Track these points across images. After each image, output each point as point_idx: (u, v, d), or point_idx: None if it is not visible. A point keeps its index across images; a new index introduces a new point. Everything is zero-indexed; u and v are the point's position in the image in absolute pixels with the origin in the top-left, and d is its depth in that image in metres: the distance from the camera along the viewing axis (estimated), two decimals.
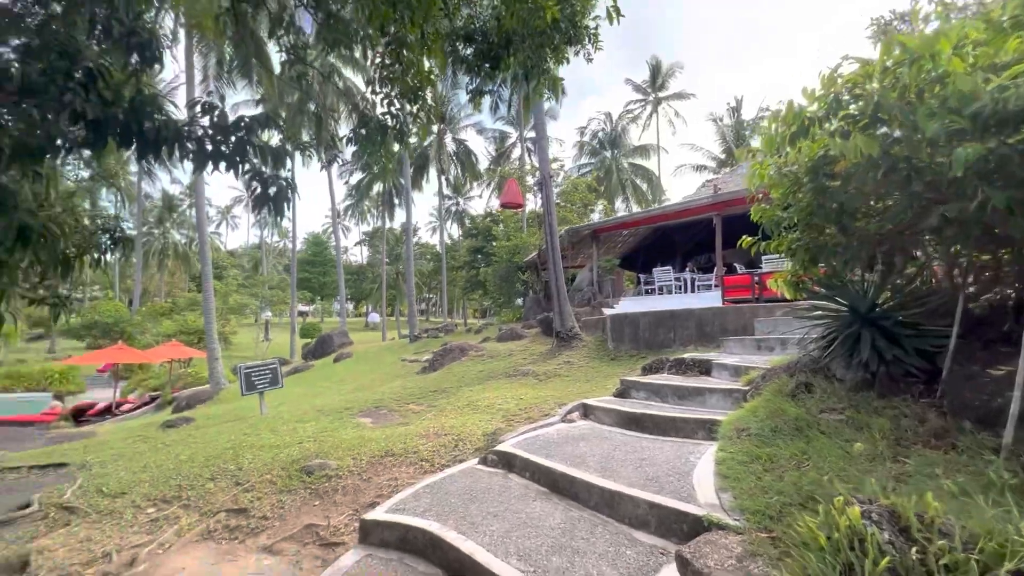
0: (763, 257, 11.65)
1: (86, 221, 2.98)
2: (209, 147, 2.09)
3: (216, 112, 2.17)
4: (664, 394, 5.48)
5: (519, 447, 4.42)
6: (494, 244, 26.60)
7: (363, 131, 3.75)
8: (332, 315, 69.15)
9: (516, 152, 36.85)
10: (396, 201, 39.44)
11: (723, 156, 36.95)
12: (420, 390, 8.91)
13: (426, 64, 3.43)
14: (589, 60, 4.70)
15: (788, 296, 4.75)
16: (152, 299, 43.69)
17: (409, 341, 19.21)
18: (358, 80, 27.46)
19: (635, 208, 35.36)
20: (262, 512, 4.16)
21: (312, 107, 27.51)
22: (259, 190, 2.27)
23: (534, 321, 14.18)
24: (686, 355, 6.59)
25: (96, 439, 7.47)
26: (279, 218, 2.45)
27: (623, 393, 5.92)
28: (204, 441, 6.42)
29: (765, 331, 6.93)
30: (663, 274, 14.32)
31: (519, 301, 23.86)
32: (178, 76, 28.55)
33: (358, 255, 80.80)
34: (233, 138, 2.11)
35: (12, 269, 2.52)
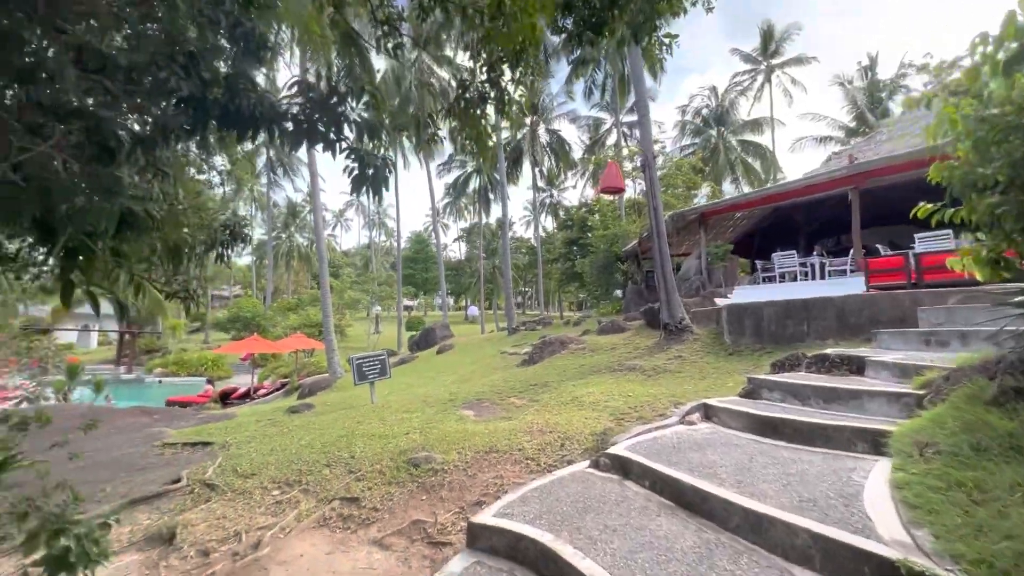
0: (917, 236, 9.80)
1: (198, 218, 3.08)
2: (304, 124, 1.98)
3: (313, 91, 2.05)
4: (804, 396, 4.68)
5: (635, 451, 3.98)
6: (590, 235, 25.86)
7: (462, 103, 3.54)
8: (434, 309, 72.73)
9: (611, 138, 35.55)
10: (491, 196, 40.11)
11: (852, 124, 32.43)
12: (521, 383, 8.74)
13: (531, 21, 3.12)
14: (709, 9, 4.07)
15: (981, 277, 3.73)
16: (281, 296, 49.22)
17: (507, 334, 19.33)
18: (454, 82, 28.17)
19: (746, 189, 32.36)
20: (372, 503, 4.18)
21: (412, 109, 28.79)
22: (356, 170, 2.11)
23: (637, 313, 13.43)
24: (828, 350, 5.62)
25: (235, 421, 8.33)
26: (378, 199, 2.33)
27: (752, 393, 5.18)
28: (321, 427, 6.78)
29: (934, 322, 5.70)
30: (785, 259, 12.77)
31: (618, 293, 22.95)
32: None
33: (457, 251, 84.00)
34: (328, 111, 1.97)
35: (128, 259, 2.62)
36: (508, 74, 3.35)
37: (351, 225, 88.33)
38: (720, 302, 11.44)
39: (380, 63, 24.53)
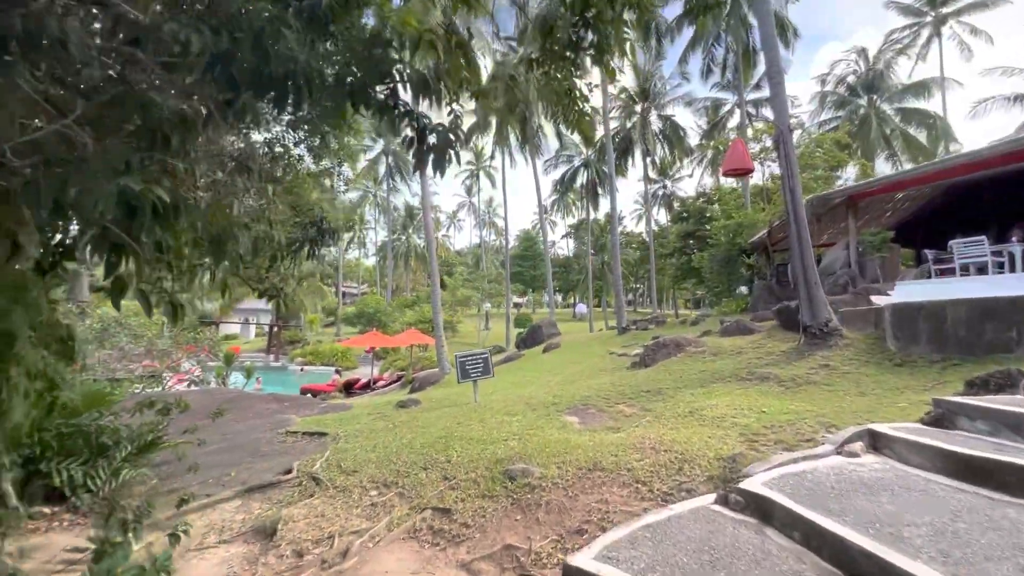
0: None
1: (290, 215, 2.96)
2: (348, 84, 1.65)
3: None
4: None
5: (777, 488, 3.15)
6: (709, 227, 23.70)
7: (551, 48, 3.02)
8: (542, 306, 73.07)
9: (733, 120, 32.35)
10: (599, 190, 38.92)
11: None
12: (631, 389, 7.98)
13: None
14: None
15: None
16: (402, 293, 52.97)
17: (617, 333, 18.38)
18: None
19: (906, 166, 27.28)
20: (464, 517, 3.86)
21: (519, 108, 28.85)
22: (416, 141, 1.73)
23: (767, 312, 11.77)
24: None
25: (349, 413, 8.75)
26: (439, 174, 1.98)
27: (942, 421, 3.96)
28: (423, 425, 6.73)
29: None
30: (970, 247, 10.23)
31: (742, 289, 20.67)
32: None
33: (565, 248, 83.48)
34: (372, 64, 1.62)
35: (232, 256, 2.51)
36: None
37: (463, 225, 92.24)
38: (878, 300, 9.49)
39: (485, 60, 24.84)
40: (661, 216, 52.45)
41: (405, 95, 1.77)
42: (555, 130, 32.18)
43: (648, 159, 34.16)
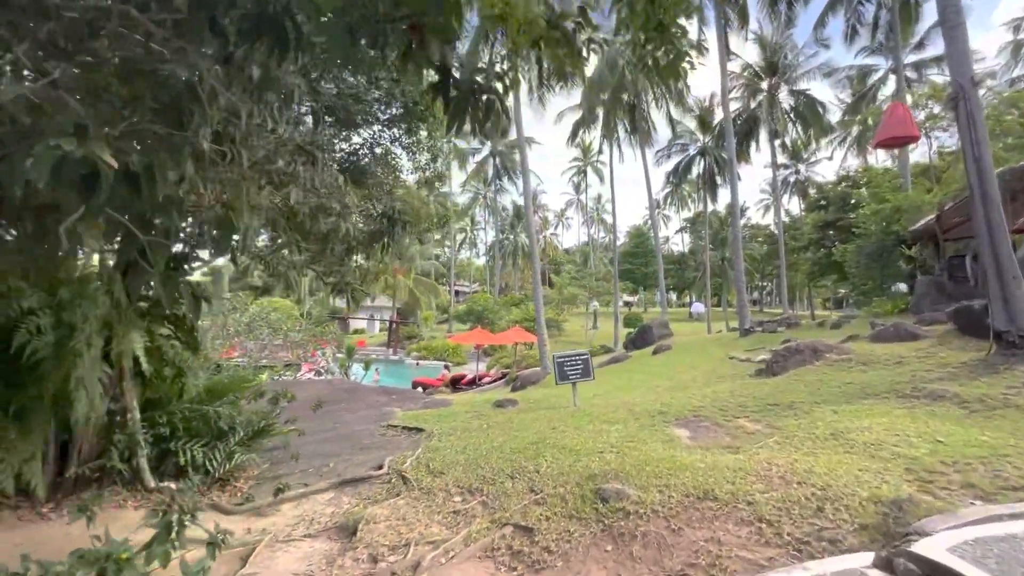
0: None
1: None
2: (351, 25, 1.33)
3: None
4: None
5: (973, 560, 2.26)
6: (854, 214, 20.41)
7: None
8: (654, 305, 69.60)
9: (887, 88, 27.54)
10: (718, 180, 35.78)
11: None
12: (755, 401, 6.90)
13: None
14: None
15: None
16: (510, 292, 53.95)
17: (739, 335, 16.52)
18: None
19: None
20: (547, 541, 3.43)
21: (625, 97, 27.59)
22: (440, 88, 1.36)
23: (940, 314, 9.58)
24: None
25: (448, 409, 8.79)
26: (482, 136, 1.62)
27: None
28: (517, 428, 6.42)
29: None
30: None
31: (899, 287, 17.40)
32: None
33: (679, 243, 78.68)
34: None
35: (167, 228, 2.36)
36: None
37: (571, 223, 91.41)
38: None
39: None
40: (793, 205, 46.95)
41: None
42: (667, 118, 30.20)
43: (776, 142, 30.53)
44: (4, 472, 2.10)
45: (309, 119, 5.66)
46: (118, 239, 2.56)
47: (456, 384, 17.09)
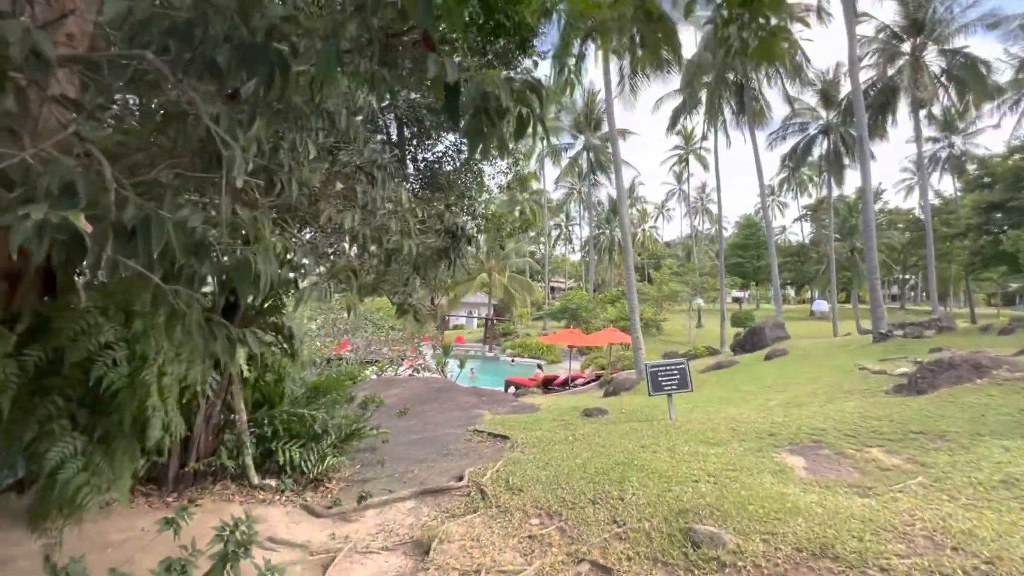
0: None
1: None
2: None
3: None
4: None
5: None
6: None
7: None
8: (767, 302, 63.70)
9: None
10: (845, 160, 31.53)
11: None
12: (893, 426, 5.81)
13: None
14: None
15: None
16: (606, 288, 52.53)
17: (873, 340, 14.29)
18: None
19: None
20: None
21: (732, 76, 25.34)
22: (448, 95, 1.10)
23: None
24: None
25: (534, 416, 8.61)
26: (488, 153, 1.35)
27: None
28: (604, 444, 6.05)
29: None
30: None
31: None
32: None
33: (798, 233, 71.07)
34: None
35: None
36: None
37: (672, 215, 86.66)
38: None
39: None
40: (944, 184, 40.09)
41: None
42: (783, 95, 27.17)
43: (922, 112, 26.06)
44: (90, 492, 2.29)
45: (394, 130, 5.76)
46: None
47: (548, 385, 16.93)
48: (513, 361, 30.04)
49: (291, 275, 2.85)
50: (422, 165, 6.07)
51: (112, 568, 2.74)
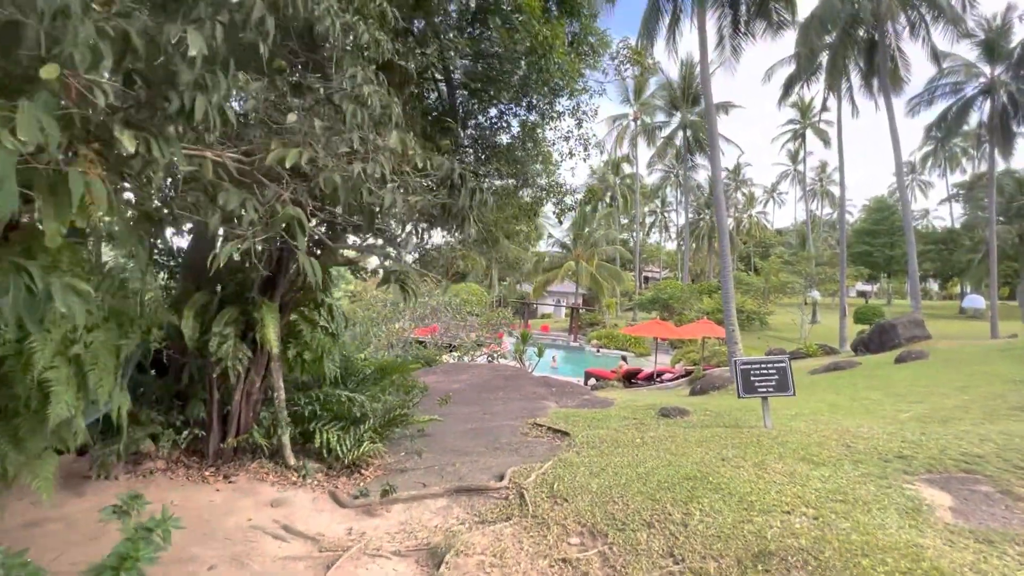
0: None
1: None
2: None
3: None
4: None
5: None
6: None
7: None
8: (903, 296, 55.14)
9: None
10: (1014, 126, 25.81)
11: None
12: None
13: None
14: None
15: None
16: (705, 278, 48.77)
17: None
18: None
19: None
20: None
21: (862, 32, 21.63)
22: None
23: None
24: None
25: (605, 411, 7.77)
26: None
27: None
28: (676, 451, 5.13)
29: None
30: None
31: None
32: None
33: (945, 216, 60.58)
34: None
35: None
36: None
37: (786, 199, 77.93)
38: None
39: None
40: None
41: None
42: (929, 50, 22.67)
43: None
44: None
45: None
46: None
47: (631, 379, 15.78)
48: (599, 351, 28.95)
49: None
50: (475, 132, 5.53)
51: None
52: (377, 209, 2.46)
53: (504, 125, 5.70)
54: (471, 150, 5.42)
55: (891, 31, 20.71)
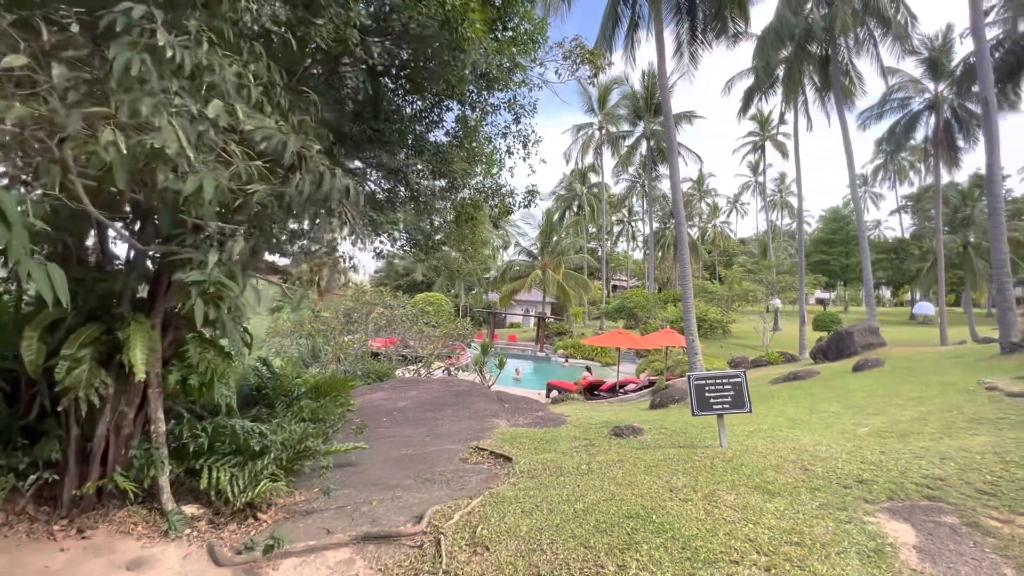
0: None
1: None
2: None
3: None
4: None
5: None
6: None
7: None
8: (859, 303, 57.14)
9: None
10: (960, 139, 26.98)
11: None
12: None
13: None
14: None
15: None
16: (672, 286, 49.27)
17: (1001, 351, 11.41)
18: None
19: None
20: None
21: (815, 48, 22.18)
22: None
23: None
24: None
25: (555, 431, 7.23)
26: None
27: None
28: (621, 481, 4.62)
29: None
30: None
31: None
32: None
33: (895, 227, 63.42)
34: None
35: None
36: None
37: (748, 210, 79.81)
38: None
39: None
40: None
41: None
42: (878, 66, 23.41)
43: None
44: None
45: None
46: None
47: (593, 391, 15.35)
48: (567, 362, 28.53)
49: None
50: (401, 127, 4.95)
51: None
52: (180, 198, 1.86)
53: (435, 119, 5.17)
54: (397, 146, 4.86)
55: (843, 46, 21.27)
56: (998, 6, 21.55)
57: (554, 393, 15.29)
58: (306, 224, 2.75)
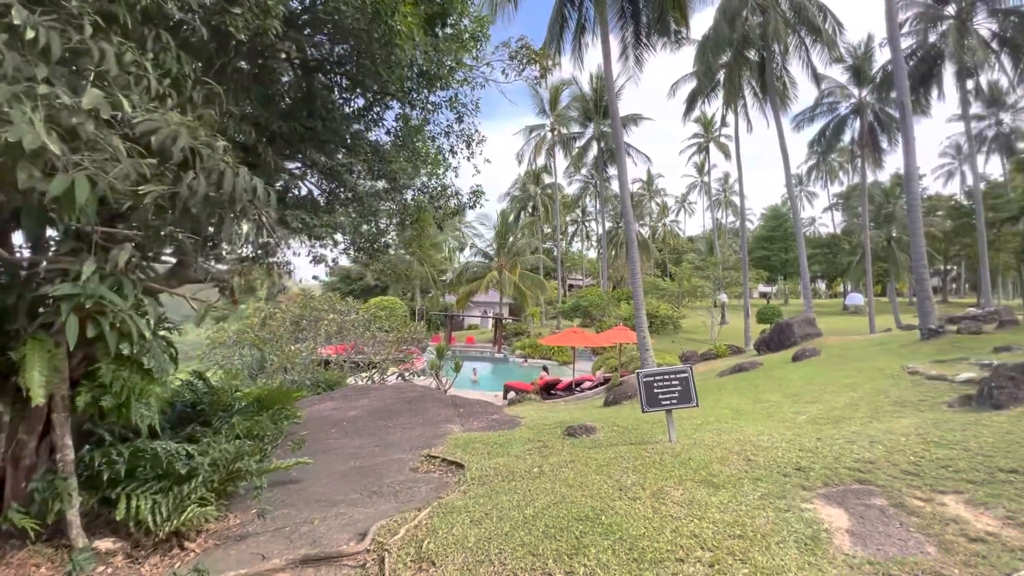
0: None
1: None
2: None
3: None
4: None
5: None
6: None
7: None
8: (798, 296, 60.58)
9: None
10: (882, 141, 29.04)
11: None
12: (971, 458, 4.21)
13: None
14: None
15: None
16: (625, 285, 50.46)
17: (921, 337, 12.35)
18: None
19: None
20: None
21: (752, 54, 23.29)
22: None
23: None
24: None
25: (509, 434, 7.18)
26: None
27: None
28: (572, 483, 4.59)
29: None
30: None
31: None
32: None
33: (828, 223, 67.62)
34: None
35: None
36: None
37: (695, 209, 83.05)
38: None
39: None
40: (992, 167, 37.08)
41: None
42: (809, 72, 24.87)
43: (969, 83, 23.53)
44: None
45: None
46: None
47: (550, 390, 15.44)
48: (525, 362, 28.62)
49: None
50: (337, 125, 4.73)
51: None
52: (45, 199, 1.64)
53: (375, 117, 4.98)
54: (333, 145, 4.64)
55: (778, 52, 22.39)
56: (911, 19, 23.39)
57: (511, 394, 15.25)
58: (211, 228, 2.52)
